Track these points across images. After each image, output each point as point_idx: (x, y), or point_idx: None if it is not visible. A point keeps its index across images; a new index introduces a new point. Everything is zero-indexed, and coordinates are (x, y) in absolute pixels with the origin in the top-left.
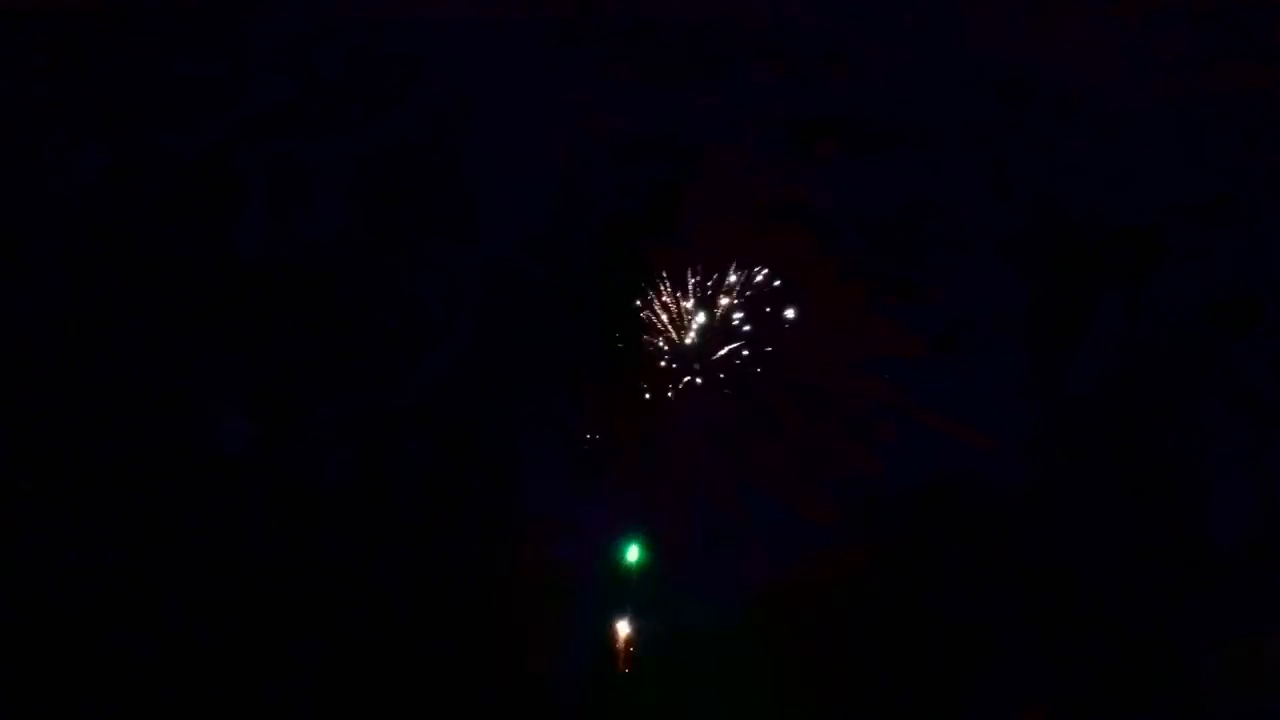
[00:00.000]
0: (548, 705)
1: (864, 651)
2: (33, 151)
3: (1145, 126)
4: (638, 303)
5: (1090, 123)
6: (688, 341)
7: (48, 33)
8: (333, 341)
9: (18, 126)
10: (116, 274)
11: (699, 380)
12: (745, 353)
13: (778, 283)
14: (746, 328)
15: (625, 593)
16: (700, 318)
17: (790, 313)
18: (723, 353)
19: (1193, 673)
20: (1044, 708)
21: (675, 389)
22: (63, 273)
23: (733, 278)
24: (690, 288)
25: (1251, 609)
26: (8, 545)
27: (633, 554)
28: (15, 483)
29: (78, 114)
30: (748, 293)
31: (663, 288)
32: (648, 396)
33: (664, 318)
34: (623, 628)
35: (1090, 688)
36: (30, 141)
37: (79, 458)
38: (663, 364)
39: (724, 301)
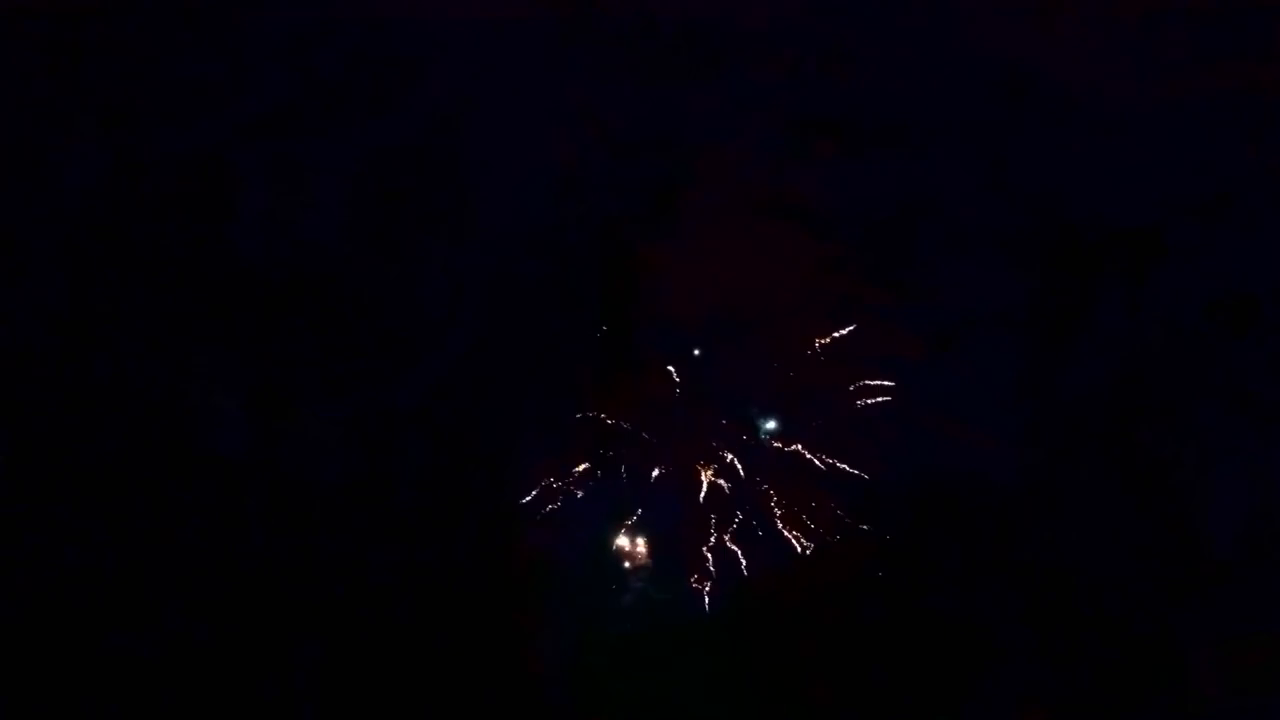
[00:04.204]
0: (548, 704)
1: (864, 651)
2: (33, 151)
3: (1145, 126)
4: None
5: (1090, 123)
6: None
7: (48, 33)
8: (333, 341)
9: (18, 126)
10: (116, 274)
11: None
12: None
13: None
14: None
15: (624, 592)
16: None
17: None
18: None
19: (1193, 673)
20: (1044, 708)
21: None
22: (62, 273)
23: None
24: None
25: (1251, 609)
26: (5, 545)
27: (632, 553)
28: (13, 482)
29: (78, 114)
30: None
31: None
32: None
33: None
34: (622, 627)
35: (1090, 688)
36: (30, 141)
37: (77, 457)
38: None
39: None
